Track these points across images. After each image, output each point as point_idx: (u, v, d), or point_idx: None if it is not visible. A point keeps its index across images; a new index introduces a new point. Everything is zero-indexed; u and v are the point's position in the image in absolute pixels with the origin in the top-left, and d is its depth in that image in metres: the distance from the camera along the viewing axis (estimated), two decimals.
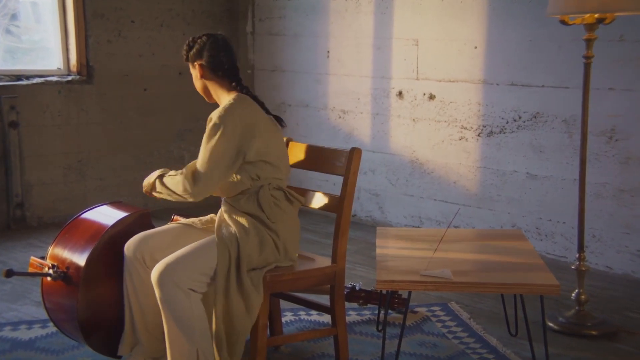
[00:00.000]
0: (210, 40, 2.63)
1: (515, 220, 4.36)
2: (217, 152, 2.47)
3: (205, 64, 2.62)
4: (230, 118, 2.50)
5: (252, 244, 2.48)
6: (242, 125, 2.51)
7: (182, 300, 2.38)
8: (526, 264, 2.66)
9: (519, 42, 4.23)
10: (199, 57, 2.62)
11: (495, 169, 4.42)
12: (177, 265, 2.39)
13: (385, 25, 4.83)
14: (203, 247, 2.46)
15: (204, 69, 2.63)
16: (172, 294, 2.37)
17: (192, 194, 2.49)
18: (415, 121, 4.76)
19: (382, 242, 2.91)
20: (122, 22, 5.11)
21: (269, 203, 2.54)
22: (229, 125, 2.49)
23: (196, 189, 2.48)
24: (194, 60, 2.64)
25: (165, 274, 2.38)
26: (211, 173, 2.48)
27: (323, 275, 2.65)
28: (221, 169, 2.49)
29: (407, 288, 2.48)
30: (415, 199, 4.82)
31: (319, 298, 3.06)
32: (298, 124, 5.41)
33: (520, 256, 2.75)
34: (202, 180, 2.48)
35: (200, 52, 2.62)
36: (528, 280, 2.50)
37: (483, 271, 2.63)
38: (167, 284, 2.37)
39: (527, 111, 4.25)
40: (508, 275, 2.55)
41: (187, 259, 2.41)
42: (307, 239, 4.58)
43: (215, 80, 2.64)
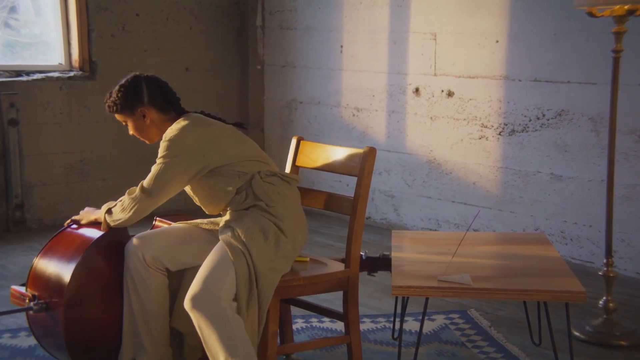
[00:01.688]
0: (140, 81, 2.65)
1: (539, 224, 4.33)
2: (168, 176, 2.53)
3: (148, 105, 2.63)
4: (182, 139, 2.53)
5: (256, 238, 2.47)
6: (199, 143, 2.55)
7: (232, 314, 2.37)
8: (550, 270, 2.65)
9: (543, 36, 4.21)
10: (139, 103, 2.62)
11: (517, 170, 4.40)
12: (213, 283, 2.38)
13: (402, 19, 4.82)
14: (220, 263, 2.43)
15: (149, 111, 2.63)
16: (221, 310, 2.36)
17: (146, 194, 2.55)
18: (433, 119, 4.75)
19: (397, 246, 2.90)
20: (126, 16, 5.13)
21: (265, 189, 2.55)
22: (183, 147, 2.53)
23: (147, 191, 2.55)
24: (133, 108, 2.63)
25: (205, 293, 2.36)
26: (158, 193, 2.55)
27: (336, 281, 2.65)
28: (169, 191, 2.57)
29: (424, 294, 2.47)
30: (432, 200, 4.81)
31: (331, 305, 3.06)
32: (310, 122, 5.41)
33: (544, 261, 2.74)
34: (150, 193, 2.55)
35: (138, 96, 2.62)
36: (552, 287, 2.48)
37: (504, 277, 2.62)
38: (212, 302, 2.35)
39: (551, 108, 4.23)
40: (531, 281, 2.54)
41: (215, 277, 2.39)
42: (320, 243, 4.58)
43: (161, 118, 2.65)
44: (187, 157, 2.53)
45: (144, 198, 2.55)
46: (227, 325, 2.35)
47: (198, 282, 2.40)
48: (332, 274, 2.64)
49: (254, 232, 2.47)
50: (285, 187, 2.61)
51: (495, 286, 2.48)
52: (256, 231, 2.48)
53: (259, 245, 2.46)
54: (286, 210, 2.56)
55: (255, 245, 2.45)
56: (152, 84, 2.68)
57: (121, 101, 2.62)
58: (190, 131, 2.54)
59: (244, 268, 2.41)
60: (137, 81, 2.66)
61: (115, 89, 2.65)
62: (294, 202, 2.63)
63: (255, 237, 2.47)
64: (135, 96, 2.62)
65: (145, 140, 2.70)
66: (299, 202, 2.66)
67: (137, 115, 2.63)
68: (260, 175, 2.58)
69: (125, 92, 2.63)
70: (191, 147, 2.53)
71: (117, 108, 2.63)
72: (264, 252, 2.47)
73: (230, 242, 2.45)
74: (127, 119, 2.65)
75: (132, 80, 2.65)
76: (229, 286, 2.39)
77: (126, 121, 2.66)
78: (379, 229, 4.97)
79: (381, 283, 3.88)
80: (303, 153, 2.88)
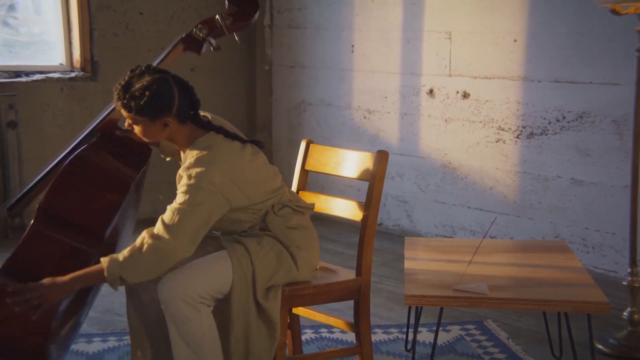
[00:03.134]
0: (172, 86, 2.35)
1: (559, 231, 4.31)
2: (198, 222, 2.32)
3: (174, 116, 2.36)
4: (210, 180, 2.32)
5: (268, 258, 2.47)
6: (224, 185, 2.35)
7: (191, 316, 2.36)
8: (571, 279, 2.63)
9: (563, 34, 4.19)
10: (167, 113, 2.34)
11: (536, 174, 4.38)
12: (186, 278, 2.37)
13: (416, 17, 4.82)
14: (216, 262, 2.43)
15: (173, 122, 2.37)
16: (180, 310, 2.35)
17: (170, 238, 2.30)
18: (448, 121, 4.74)
19: (410, 254, 2.89)
20: (129, 14, 5.15)
21: (280, 228, 2.51)
22: (204, 192, 2.32)
23: (172, 234, 2.30)
24: (156, 117, 2.33)
25: (172, 287, 2.36)
26: (192, 244, 2.34)
27: (346, 289, 2.64)
28: (192, 238, 2.34)
29: (439, 304, 2.46)
30: (447, 206, 4.79)
31: (342, 314, 3.05)
32: (319, 125, 5.41)
33: (565, 270, 2.72)
34: (180, 245, 2.32)
35: (168, 105, 2.34)
36: (573, 297, 2.46)
37: (523, 286, 2.61)
38: (175, 299, 2.35)
39: (572, 110, 4.21)
40: (551, 291, 2.53)
41: (199, 273, 2.39)
42: (330, 250, 4.58)
43: (179, 129, 2.41)
44: (213, 201, 2.34)
45: (172, 250, 2.30)
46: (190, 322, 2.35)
47: (179, 272, 2.37)
48: (343, 283, 2.63)
49: (264, 247, 2.47)
50: (298, 217, 2.58)
51: (513, 296, 2.46)
52: (267, 248, 2.48)
53: (267, 260, 2.46)
54: (301, 241, 2.54)
55: (261, 257, 2.45)
56: (184, 92, 2.39)
57: (146, 106, 2.32)
58: (217, 171, 2.33)
59: (242, 272, 2.41)
60: (169, 86, 2.36)
61: (138, 86, 2.32)
62: (309, 233, 2.59)
63: (264, 254, 2.46)
64: (164, 104, 2.34)
65: (145, 142, 2.48)
66: (314, 232, 2.62)
67: (157, 124, 2.36)
68: (273, 210, 2.52)
69: (154, 98, 2.32)
70: (216, 191, 2.33)
71: (136, 111, 2.33)
72: (269, 264, 2.46)
73: (234, 247, 2.45)
74: (134, 121, 2.37)
75: (162, 83, 2.34)
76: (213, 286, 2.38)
77: (129, 120, 2.39)
78: (391, 236, 4.96)
79: (394, 292, 3.87)
80: (312, 157, 2.88)
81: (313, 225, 2.64)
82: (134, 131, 2.43)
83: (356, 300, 2.66)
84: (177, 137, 2.44)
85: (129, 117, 2.38)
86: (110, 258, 2.29)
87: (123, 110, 2.37)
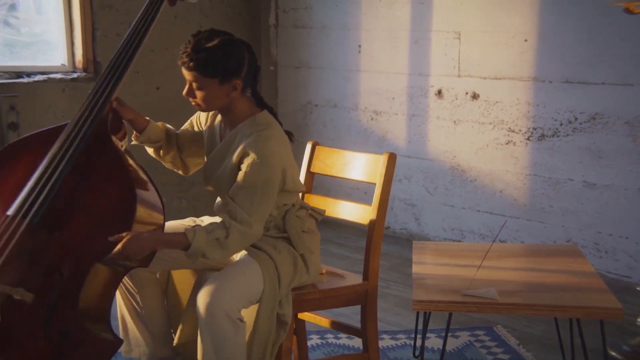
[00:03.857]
0: (242, 47, 2.38)
1: (571, 235, 4.30)
2: (267, 201, 2.40)
3: (243, 81, 2.40)
4: (271, 161, 2.39)
5: (287, 264, 2.48)
6: (282, 164, 2.44)
7: (230, 332, 2.34)
8: (584, 284, 2.63)
9: (575, 34, 4.19)
10: (237, 74, 2.37)
11: (547, 177, 4.37)
12: (228, 290, 2.35)
13: (424, 16, 4.82)
14: (246, 270, 2.43)
15: (239, 86, 2.40)
16: (222, 325, 2.33)
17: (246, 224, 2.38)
18: (457, 123, 4.74)
19: (418, 258, 2.89)
20: (132, 14, 5.15)
21: (296, 229, 2.54)
22: (274, 169, 2.40)
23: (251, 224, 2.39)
24: (226, 78, 2.35)
25: (217, 301, 2.33)
26: (260, 222, 2.42)
27: (353, 294, 2.64)
28: (265, 218, 2.43)
29: (448, 309, 2.45)
30: (456, 209, 4.79)
31: (348, 320, 3.05)
32: (325, 126, 5.41)
33: (577, 275, 2.72)
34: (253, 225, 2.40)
35: (240, 65, 2.36)
36: (586, 302, 2.46)
37: (534, 291, 2.60)
38: (219, 314, 2.32)
39: (584, 112, 4.20)
40: (563, 296, 2.52)
41: (236, 283, 2.38)
42: (336, 254, 4.57)
43: (239, 99, 2.44)
44: (278, 177, 2.42)
45: (250, 231, 2.38)
46: (228, 337, 2.34)
47: (216, 284, 2.36)
48: (350, 287, 2.64)
49: (282, 253, 2.49)
50: (310, 222, 2.61)
51: (523, 301, 2.46)
52: (285, 253, 2.50)
53: (286, 265, 2.48)
54: (310, 245, 2.57)
55: (282, 261, 2.47)
56: (251, 55, 2.40)
57: (219, 66, 2.31)
58: (279, 147, 2.42)
59: (269, 277, 2.42)
60: (240, 47, 2.35)
61: (210, 46, 2.30)
62: (316, 237, 2.62)
63: (283, 258, 2.48)
64: (236, 65, 2.34)
65: (199, 107, 2.45)
66: (319, 237, 2.65)
67: (225, 87, 2.36)
68: (294, 208, 2.55)
69: (228, 57, 2.32)
70: (279, 166, 2.42)
71: (207, 71, 2.31)
72: (288, 268, 2.49)
73: (255, 253, 2.46)
74: (202, 84, 2.35)
75: (233, 43, 2.34)
76: (249, 294, 2.39)
77: (196, 84, 2.36)
78: (399, 240, 4.96)
79: (401, 297, 3.86)
80: (318, 159, 2.88)
81: (319, 234, 2.67)
82: (193, 99, 2.41)
83: (363, 305, 2.66)
84: (234, 107, 2.45)
85: (197, 80, 2.35)
86: (196, 234, 2.32)
87: (192, 72, 2.34)
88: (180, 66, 2.38)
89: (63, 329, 2.31)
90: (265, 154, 2.38)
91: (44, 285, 2.31)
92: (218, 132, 2.58)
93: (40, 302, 2.30)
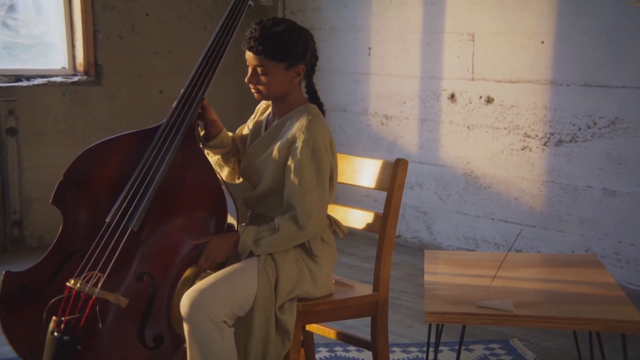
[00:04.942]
0: (307, 34, 2.48)
1: (590, 244, 4.28)
2: (322, 192, 2.46)
3: (306, 67, 2.49)
4: (324, 150, 2.47)
5: (290, 271, 2.47)
6: (333, 145, 2.54)
7: (214, 336, 2.34)
8: (603, 296, 2.61)
9: (594, 35, 4.17)
10: (302, 59, 2.47)
11: (565, 184, 4.35)
12: (213, 293, 2.36)
13: (436, 17, 4.82)
14: (241, 272, 2.43)
15: (302, 73, 2.49)
16: (205, 328, 2.33)
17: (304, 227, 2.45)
18: (470, 128, 4.73)
19: (431, 268, 2.87)
20: (135, 15, 5.18)
21: (316, 236, 2.55)
22: (327, 158, 2.48)
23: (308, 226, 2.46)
24: (293, 62, 2.45)
25: (199, 304, 2.33)
26: (319, 220, 2.48)
27: (363, 305, 2.63)
28: (324, 211, 2.50)
29: (461, 321, 2.43)
30: (469, 217, 4.77)
31: (358, 332, 3.03)
32: (335, 131, 5.41)
33: (597, 286, 2.70)
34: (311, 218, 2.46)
35: (306, 51, 2.46)
36: (606, 315, 2.44)
37: (551, 303, 2.58)
38: (200, 317, 2.33)
39: (603, 116, 4.19)
40: (581, 308, 2.50)
41: (224, 287, 2.38)
42: (346, 263, 4.57)
43: (295, 89, 2.53)
44: (329, 163, 2.50)
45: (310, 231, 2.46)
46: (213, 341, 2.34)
47: (204, 284, 2.37)
48: (359, 298, 2.63)
49: (290, 258, 2.48)
50: (328, 234, 2.60)
51: (540, 313, 2.44)
52: (292, 259, 2.48)
53: (289, 272, 2.47)
54: (324, 259, 2.55)
55: (285, 267, 2.46)
56: (314, 43, 2.51)
57: (288, 49, 2.41)
58: (328, 141, 2.50)
59: (267, 279, 2.42)
60: (304, 32, 2.47)
61: (279, 30, 2.41)
62: (333, 254, 2.61)
63: (288, 265, 2.47)
64: (303, 50, 2.45)
65: (259, 93, 2.51)
66: (336, 253, 2.64)
67: (289, 72, 2.45)
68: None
69: (296, 41, 2.42)
70: (330, 150, 2.51)
71: (276, 54, 2.40)
72: (290, 276, 2.48)
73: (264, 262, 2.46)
74: (268, 68, 2.43)
75: (300, 28, 2.45)
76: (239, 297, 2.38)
77: (261, 68, 2.44)
78: (410, 249, 4.94)
79: (413, 309, 3.85)
80: None
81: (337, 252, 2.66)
82: (255, 85, 2.48)
83: (373, 316, 2.65)
84: (289, 96, 2.52)
85: (263, 65, 2.43)
86: (246, 229, 2.43)
87: (259, 56, 2.42)
88: (246, 50, 2.46)
89: (158, 334, 2.40)
90: (317, 140, 2.44)
91: (137, 290, 2.41)
92: (264, 123, 2.64)
93: (135, 306, 2.40)
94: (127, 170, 2.50)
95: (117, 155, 2.56)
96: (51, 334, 2.37)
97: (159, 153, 2.51)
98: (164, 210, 2.48)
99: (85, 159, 2.58)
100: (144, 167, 2.50)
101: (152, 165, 2.49)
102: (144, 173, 2.49)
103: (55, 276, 2.48)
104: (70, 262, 2.47)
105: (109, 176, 2.53)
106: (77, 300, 2.38)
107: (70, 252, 2.50)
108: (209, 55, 2.62)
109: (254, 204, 2.61)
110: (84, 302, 2.37)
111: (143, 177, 2.49)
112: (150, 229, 2.46)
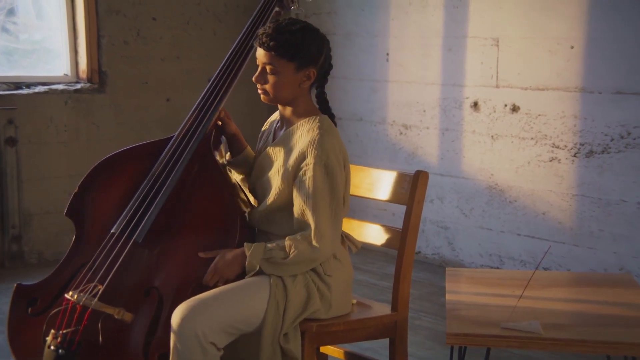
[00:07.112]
0: (323, 38, 2.48)
1: (624, 262, 4.25)
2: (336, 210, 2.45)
3: (318, 72, 2.49)
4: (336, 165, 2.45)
5: (299, 294, 2.46)
6: (345, 157, 2.52)
7: (196, 356, 2.31)
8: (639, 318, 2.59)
9: (627, 40, 4.16)
10: (314, 63, 2.47)
11: (597, 198, 4.33)
12: (208, 310, 2.34)
13: (458, 22, 4.82)
14: (245, 294, 2.41)
15: (312, 77, 2.49)
16: (189, 345, 2.31)
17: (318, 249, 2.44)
18: (494, 138, 4.72)
19: (452, 286, 2.86)
20: (141, 20, 5.21)
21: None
22: (340, 172, 2.47)
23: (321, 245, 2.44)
24: (304, 64, 2.45)
25: (189, 318, 2.32)
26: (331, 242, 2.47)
27: (381, 326, 2.63)
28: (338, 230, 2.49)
29: (485, 344, 2.42)
30: (493, 233, 4.76)
31: (376, 354, 3.02)
32: (350, 142, 5.41)
33: (631, 308, 2.68)
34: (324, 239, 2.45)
35: (319, 54, 2.46)
36: None
37: (582, 325, 2.57)
38: (187, 332, 2.31)
39: (638, 126, 4.17)
40: (616, 331, 2.48)
41: (223, 306, 2.36)
42: (362, 281, 4.56)
43: (304, 95, 2.52)
44: (342, 176, 2.49)
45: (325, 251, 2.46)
46: None
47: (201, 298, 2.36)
48: (377, 319, 2.62)
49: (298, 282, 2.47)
50: (344, 254, 2.59)
51: (571, 336, 2.43)
52: (300, 282, 2.47)
53: (298, 295, 2.46)
54: (337, 279, 2.54)
55: (294, 289, 2.45)
56: (329, 50, 2.51)
57: (300, 49, 2.41)
58: (340, 155, 2.48)
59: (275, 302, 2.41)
60: (320, 35, 2.48)
61: (294, 28, 2.42)
62: (348, 273, 2.60)
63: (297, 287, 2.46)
64: (316, 52, 2.45)
65: (265, 95, 2.51)
66: (351, 271, 2.63)
67: (299, 75, 2.45)
68: None
69: (310, 42, 2.43)
70: (341, 164, 2.49)
71: (287, 53, 2.41)
72: (299, 299, 2.46)
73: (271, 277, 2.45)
74: (278, 67, 2.43)
75: (315, 30, 2.46)
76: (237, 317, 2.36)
77: (271, 67, 2.44)
78: (431, 266, 4.93)
79: (434, 330, 3.83)
80: None
81: (352, 269, 2.64)
82: (262, 85, 2.49)
83: (392, 338, 2.65)
84: (297, 103, 2.51)
85: (273, 63, 2.43)
86: (255, 248, 2.41)
87: (270, 53, 2.42)
88: (258, 47, 2.47)
89: (163, 352, 2.40)
90: (330, 156, 2.43)
91: (143, 305, 2.43)
92: (272, 132, 2.63)
93: (140, 322, 2.42)
94: (141, 181, 2.55)
95: (132, 166, 2.61)
96: (48, 348, 2.39)
97: (168, 164, 2.55)
98: (171, 223, 2.50)
99: (101, 170, 2.64)
100: (152, 178, 2.54)
101: (161, 176, 2.53)
102: (151, 184, 2.53)
103: (64, 289, 2.52)
104: (81, 274, 2.51)
105: (123, 188, 2.58)
106: (74, 313, 2.40)
107: (82, 264, 2.54)
108: (230, 59, 2.67)
109: (258, 221, 2.58)
110: (80, 314, 2.39)
111: (150, 188, 2.53)
112: (157, 242, 2.48)
